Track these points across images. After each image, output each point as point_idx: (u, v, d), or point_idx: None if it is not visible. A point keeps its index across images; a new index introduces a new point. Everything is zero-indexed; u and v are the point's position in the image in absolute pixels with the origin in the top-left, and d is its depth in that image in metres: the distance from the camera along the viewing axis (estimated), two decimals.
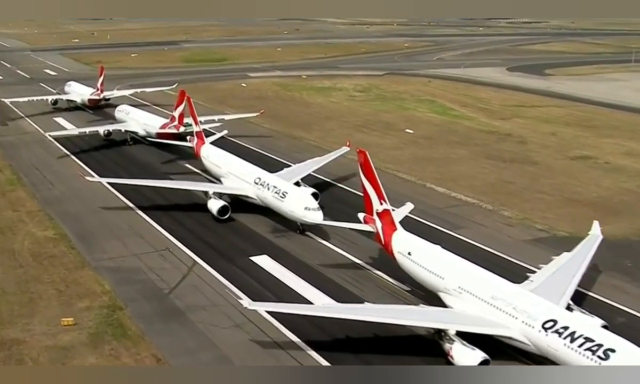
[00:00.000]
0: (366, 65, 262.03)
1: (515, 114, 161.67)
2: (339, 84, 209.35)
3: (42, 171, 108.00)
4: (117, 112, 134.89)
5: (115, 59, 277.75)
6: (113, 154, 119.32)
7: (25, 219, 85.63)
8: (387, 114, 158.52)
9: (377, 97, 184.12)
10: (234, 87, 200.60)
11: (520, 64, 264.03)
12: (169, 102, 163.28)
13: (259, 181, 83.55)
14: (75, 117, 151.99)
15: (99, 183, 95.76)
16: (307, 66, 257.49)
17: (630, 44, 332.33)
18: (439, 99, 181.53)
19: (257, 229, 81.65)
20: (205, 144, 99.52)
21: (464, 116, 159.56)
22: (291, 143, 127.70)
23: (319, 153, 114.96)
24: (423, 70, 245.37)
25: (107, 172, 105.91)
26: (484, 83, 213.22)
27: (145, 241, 77.76)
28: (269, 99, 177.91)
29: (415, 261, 60.94)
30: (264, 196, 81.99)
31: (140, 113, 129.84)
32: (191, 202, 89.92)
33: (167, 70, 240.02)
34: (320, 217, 75.66)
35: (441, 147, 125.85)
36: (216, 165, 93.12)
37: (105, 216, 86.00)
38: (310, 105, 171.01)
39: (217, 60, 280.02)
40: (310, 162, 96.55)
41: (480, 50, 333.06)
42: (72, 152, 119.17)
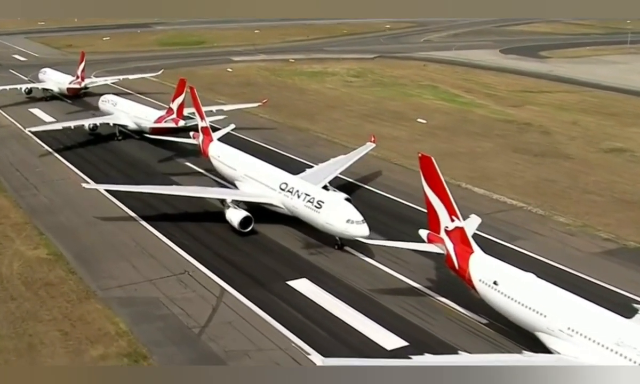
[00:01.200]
0: (353, 48, 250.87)
1: (525, 101, 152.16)
2: (329, 68, 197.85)
3: (23, 172, 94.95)
4: (102, 103, 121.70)
5: (86, 42, 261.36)
6: (101, 151, 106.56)
7: (11, 234, 73.07)
8: (391, 102, 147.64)
9: (375, 83, 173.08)
10: (219, 73, 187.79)
11: (512, 46, 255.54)
12: (154, 90, 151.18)
13: (285, 187, 71.99)
14: (53, 108, 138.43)
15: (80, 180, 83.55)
16: (291, 49, 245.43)
17: (615, 25, 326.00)
18: (441, 85, 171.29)
19: (286, 243, 70.30)
20: (213, 141, 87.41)
21: (473, 103, 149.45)
22: (298, 136, 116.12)
23: (332, 147, 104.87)
24: (414, 53, 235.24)
25: (97, 172, 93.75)
26: (481, 67, 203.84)
27: (157, 261, 65.87)
28: (260, 86, 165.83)
29: (505, 293, 50.17)
30: (293, 205, 70.52)
31: (129, 104, 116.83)
32: (202, 209, 78.18)
33: (143, 55, 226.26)
34: (366, 231, 64.66)
35: (462, 140, 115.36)
36: (230, 166, 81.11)
37: (104, 229, 73.78)
38: (305, 92, 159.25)
39: (194, 43, 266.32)
40: (335, 162, 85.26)
41: (466, 31, 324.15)
42: (55, 149, 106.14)
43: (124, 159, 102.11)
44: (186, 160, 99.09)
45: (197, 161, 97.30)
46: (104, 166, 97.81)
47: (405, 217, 77.04)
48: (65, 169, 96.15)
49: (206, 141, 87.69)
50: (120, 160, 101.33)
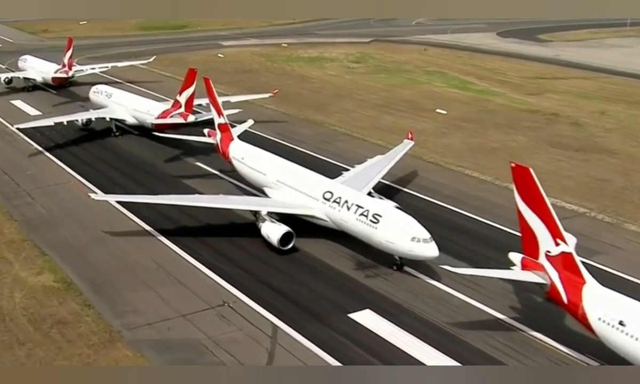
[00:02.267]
0: (345, 31, 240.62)
1: (543, 88, 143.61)
2: (326, 53, 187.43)
3: (13, 176, 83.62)
4: (94, 94, 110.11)
5: (62, 27, 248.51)
6: (98, 149, 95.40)
7: (7, 254, 62.30)
8: (403, 90, 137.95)
9: (379, 69, 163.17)
10: (210, 59, 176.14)
11: (508, 29, 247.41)
12: (145, 78, 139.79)
13: (331, 197, 61.98)
14: (37, 100, 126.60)
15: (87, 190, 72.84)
16: (280, 33, 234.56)
17: None
18: (449, 71, 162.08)
19: (334, 263, 60.48)
20: (234, 140, 76.85)
21: (488, 90, 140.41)
22: (314, 130, 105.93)
23: (353, 143, 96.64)
24: (409, 36, 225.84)
25: (98, 175, 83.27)
26: (484, 51, 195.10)
27: (188, 289, 55.63)
28: (257, 73, 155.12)
29: (635, 335, 40.76)
30: (341, 219, 60.58)
31: (127, 96, 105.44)
32: (227, 220, 68.06)
33: (125, 40, 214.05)
34: (435, 251, 55.18)
35: (491, 133, 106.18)
36: (258, 170, 70.70)
37: (117, 248, 63.27)
38: (308, 79, 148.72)
39: (176, 27, 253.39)
40: (374, 164, 75.48)
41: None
42: (46, 147, 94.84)
43: (125, 158, 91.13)
44: (196, 159, 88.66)
45: (208, 160, 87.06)
46: (104, 167, 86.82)
47: (462, 228, 67.82)
48: (60, 172, 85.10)
49: (225, 140, 77.09)
50: (121, 160, 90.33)
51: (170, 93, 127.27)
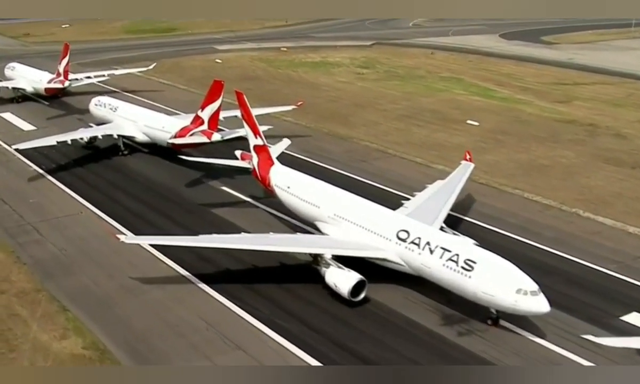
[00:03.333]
0: (343, 34, 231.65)
1: (568, 95, 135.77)
2: (329, 57, 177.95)
3: (15, 206, 72.88)
4: (96, 107, 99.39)
5: (44, 30, 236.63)
6: (107, 171, 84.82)
7: (21, 310, 51.95)
8: (423, 98, 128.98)
9: (390, 75, 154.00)
10: (209, 65, 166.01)
11: (510, 31, 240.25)
12: (143, 87, 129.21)
13: (407, 237, 52.42)
14: (29, 112, 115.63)
15: (114, 230, 62.69)
16: (276, 36, 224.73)
17: None
18: (464, 77, 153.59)
19: (415, 316, 51.21)
20: (275, 165, 66.82)
21: (513, 98, 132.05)
22: (343, 146, 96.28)
23: (391, 161, 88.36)
24: (411, 39, 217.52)
25: (111, 203, 73.24)
26: (494, 54, 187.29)
27: (249, 356, 45.94)
28: (263, 80, 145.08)
29: None
30: (421, 264, 51.11)
31: (135, 110, 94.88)
32: (276, 261, 58.16)
33: (113, 45, 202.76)
34: (545, 306, 45.84)
35: (534, 147, 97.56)
36: (309, 202, 60.80)
37: (152, 299, 53.21)
38: (318, 87, 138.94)
39: (165, 30, 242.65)
40: (435, 192, 65.89)
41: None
42: (47, 169, 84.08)
43: (140, 182, 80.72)
44: (220, 183, 78.65)
45: (235, 184, 77.22)
46: (117, 194, 76.33)
47: (547, 267, 58.76)
48: (68, 200, 74.60)
49: (264, 165, 67.09)
50: (135, 184, 79.92)
51: (174, 103, 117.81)
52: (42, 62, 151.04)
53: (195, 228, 64.43)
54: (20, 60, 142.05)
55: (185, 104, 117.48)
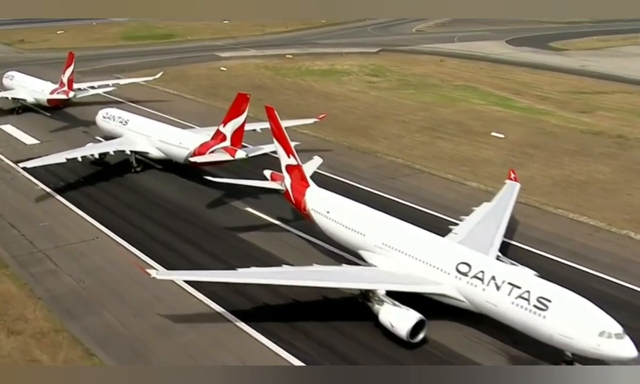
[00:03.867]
0: (346, 40, 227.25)
1: (590, 105, 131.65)
2: (337, 65, 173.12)
3: (23, 230, 67.35)
4: (103, 120, 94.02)
5: (39, 36, 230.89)
6: (120, 190, 79.36)
7: (41, 355, 46.78)
8: (442, 109, 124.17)
9: (403, 84, 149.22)
10: (213, 73, 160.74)
11: (516, 37, 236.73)
12: (148, 97, 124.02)
13: (468, 271, 47.37)
14: (30, 124, 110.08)
15: (142, 263, 57.50)
16: (278, 43, 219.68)
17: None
18: (479, 85, 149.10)
19: (482, 359, 45.80)
20: (311, 187, 61.61)
21: (534, 108, 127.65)
22: (368, 162, 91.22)
23: (421, 178, 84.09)
24: (416, 45, 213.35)
25: (130, 228, 67.55)
26: (504, 61, 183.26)
27: None
28: (272, 90, 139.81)
29: None
30: (486, 301, 46.09)
31: (149, 124, 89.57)
32: (318, 295, 52.93)
33: (111, 52, 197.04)
34: (632, 350, 40.78)
35: (567, 161, 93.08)
36: (354, 230, 55.55)
37: (190, 343, 47.99)
38: (331, 97, 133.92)
39: (163, 37, 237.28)
40: (484, 216, 60.72)
41: (450, 20, 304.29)
42: (55, 188, 78.64)
43: (157, 202, 75.32)
44: (244, 203, 73.48)
45: (259, 204, 72.24)
46: (134, 216, 70.94)
47: (613, 299, 53.36)
48: (81, 223, 69.15)
49: (298, 186, 61.87)
50: (152, 205, 74.53)
51: (184, 115, 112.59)
52: (40, 71, 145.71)
53: (225, 257, 59.80)
54: (17, 68, 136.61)
55: (196, 116, 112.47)
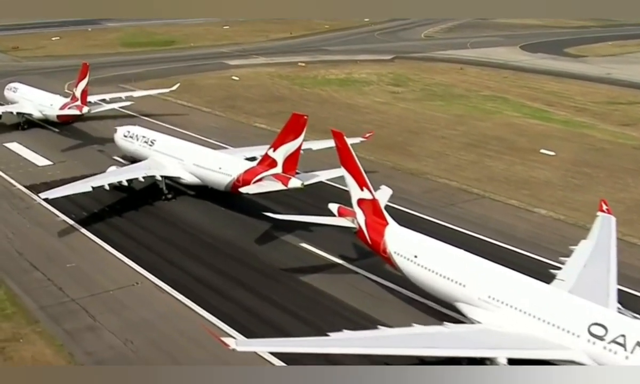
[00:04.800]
0: (355, 47, 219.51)
1: (630, 116, 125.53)
2: (354, 73, 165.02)
3: (49, 273, 58.65)
4: (124, 139, 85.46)
5: (33, 43, 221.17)
6: (153, 223, 70.63)
7: None
8: (478, 122, 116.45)
9: (428, 94, 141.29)
10: (226, 82, 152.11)
11: (529, 43, 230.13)
12: (162, 110, 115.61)
13: (604, 334, 39.52)
14: (38, 141, 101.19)
15: (217, 332, 49.13)
16: (286, 50, 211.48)
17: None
18: (508, 96, 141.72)
19: None
20: (390, 225, 53.21)
21: (574, 121, 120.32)
22: (419, 185, 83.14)
23: (483, 204, 77.47)
24: (430, 52, 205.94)
25: (177, 272, 58.94)
26: (526, 69, 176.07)
27: None
28: (293, 101, 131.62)
29: None
30: None
31: (178, 144, 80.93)
32: (415, 359, 44.22)
33: (112, 59, 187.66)
34: None
35: (632, 183, 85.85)
36: (451, 279, 47.23)
37: None
38: (357, 109, 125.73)
39: (164, 43, 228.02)
40: (587, 256, 52.47)
41: (455, 25, 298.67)
42: (78, 219, 69.78)
43: (198, 237, 66.73)
44: (298, 238, 64.96)
45: (314, 238, 64.14)
46: (174, 254, 62.39)
47: None
48: (116, 265, 60.58)
49: (374, 225, 53.49)
50: (193, 240, 65.93)
51: (205, 130, 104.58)
52: (40, 81, 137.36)
53: (288, 304, 52.66)
54: (16, 78, 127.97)
55: (218, 132, 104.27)
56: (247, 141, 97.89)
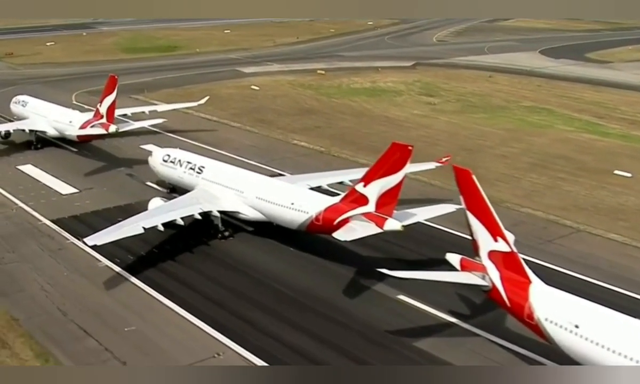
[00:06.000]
0: (371, 52, 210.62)
1: None
2: (379, 82, 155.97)
3: (102, 338, 48.76)
4: (164, 166, 75.22)
5: (28, 49, 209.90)
6: (214, 268, 60.79)
7: None
8: (535, 139, 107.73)
9: (466, 106, 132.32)
10: (246, 92, 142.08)
11: (548, 47, 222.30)
12: (187, 125, 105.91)
13: None
14: (57, 164, 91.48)
15: None
16: (296, 55, 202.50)
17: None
18: (552, 107, 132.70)
19: None
20: (534, 283, 43.56)
21: (633, 136, 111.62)
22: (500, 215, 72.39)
23: (589, 243, 68.49)
24: (450, 58, 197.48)
25: (255, 333, 48.89)
26: (558, 77, 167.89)
27: None
28: (326, 114, 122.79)
29: None
30: None
31: (233, 173, 70.81)
32: None
33: (115, 66, 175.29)
34: None
35: None
36: (634, 359, 37.52)
37: None
38: (397, 123, 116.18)
39: (166, 48, 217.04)
40: None
41: (463, 28, 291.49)
42: (125, 265, 59.48)
43: (268, 284, 57.05)
44: (391, 288, 54.83)
45: (414, 289, 53.53)
46: (250, 310, 52.71)
47: None
48: (184, 326, 50.80)
49: (514, 283, 43.94)
50: (266, 289, 56.18)
51: (242, 149, 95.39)
52: (42, 91, 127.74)
53: None
54: (14, 88, 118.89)
55: (258, 152, 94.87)
56: (294, 162, 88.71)
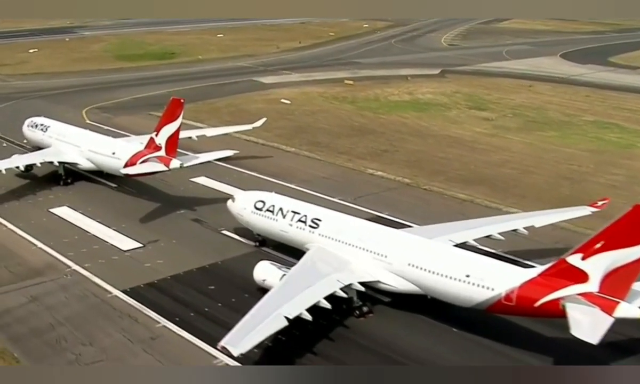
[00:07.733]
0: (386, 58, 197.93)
1: None
2: (416, 93, 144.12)
3: None
4: (255, 215, 61.21)
5: (10, 57, 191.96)
6: (360, 357, 46.60)
7: None
8: (627, 162, 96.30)
9: (527, 122, 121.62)
10: (278, 107, 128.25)
11: (567, 51, 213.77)
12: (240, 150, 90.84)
13: None
14: (99, 206, 76.92)
15: None
16: (309, 62, 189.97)
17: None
18: (616, 120, 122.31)
19: None
20: None
21: None
22: None
23: None
24: (473, 64, 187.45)
25: None
26: (601, 86, 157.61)
27: None
28: (382, 134, 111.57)
29: None
30: None
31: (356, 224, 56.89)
32: None
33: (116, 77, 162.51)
34: None
35: None
36: None
37: None
38: (469, 145, 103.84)
39: (163, 56, 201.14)
40: None
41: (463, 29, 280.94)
42: (245, 356, 45.11)
43: None
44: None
45: None
46: None
47: None
48: None
49: None
50: None
51: (317, 184, 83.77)
52: (46, 108, 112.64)
53: None
54: (14, 103, 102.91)
55: (335, 186, 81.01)
56: (386, 200, 76.53)
